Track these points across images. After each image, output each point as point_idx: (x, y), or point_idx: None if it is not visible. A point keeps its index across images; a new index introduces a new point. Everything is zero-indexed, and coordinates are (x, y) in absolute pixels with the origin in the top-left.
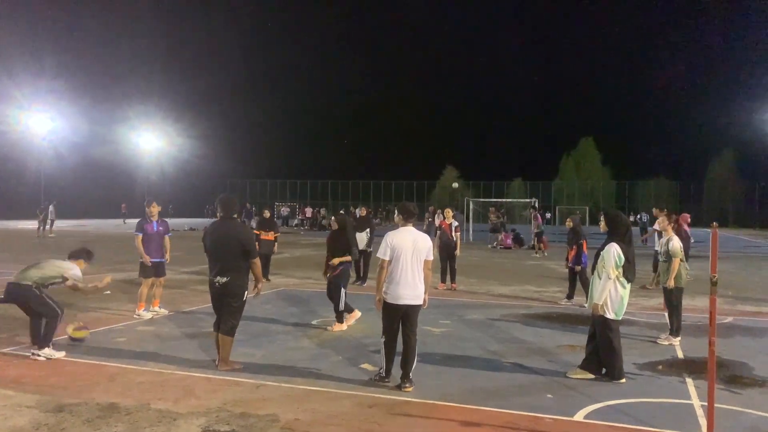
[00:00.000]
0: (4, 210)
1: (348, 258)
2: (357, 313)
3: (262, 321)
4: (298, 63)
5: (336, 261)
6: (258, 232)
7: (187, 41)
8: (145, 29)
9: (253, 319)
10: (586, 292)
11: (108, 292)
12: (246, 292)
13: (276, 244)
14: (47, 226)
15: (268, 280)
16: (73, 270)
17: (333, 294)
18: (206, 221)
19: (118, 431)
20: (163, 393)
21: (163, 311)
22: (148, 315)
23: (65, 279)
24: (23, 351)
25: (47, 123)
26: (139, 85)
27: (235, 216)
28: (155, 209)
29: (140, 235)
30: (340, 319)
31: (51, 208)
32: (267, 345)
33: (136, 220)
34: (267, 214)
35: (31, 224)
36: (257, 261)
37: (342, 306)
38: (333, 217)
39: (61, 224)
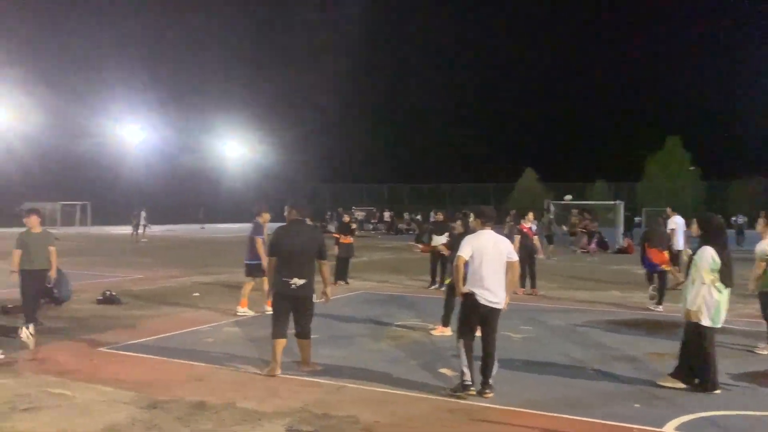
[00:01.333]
0: (101, 216)
1: None
2: (449, 331)
3: (341, 323)
4: (375, 69)
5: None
6: (338, 236)
7: (270, 48)
8: (229, 41)
9: (333, 322)
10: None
11: (197, 294)
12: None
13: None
14: (140, 231)
15: (346, 282)
16: None
17: (448, 297)
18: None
19: (206, 429)
20: (247, 393)
21: (250, 312)
22: (251, 312)
23: None
24: (120, 350)
25: (139, 133)
26: (224, 95)
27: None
28: (268, 216)
29: (262, 238)
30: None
31: (143, 214)
32: (346, 347)
33: (250, 224)
34: (346, 218)
35: (126, 230)
36: (327, 263)
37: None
38: (458, 221)
39: (154, 229)
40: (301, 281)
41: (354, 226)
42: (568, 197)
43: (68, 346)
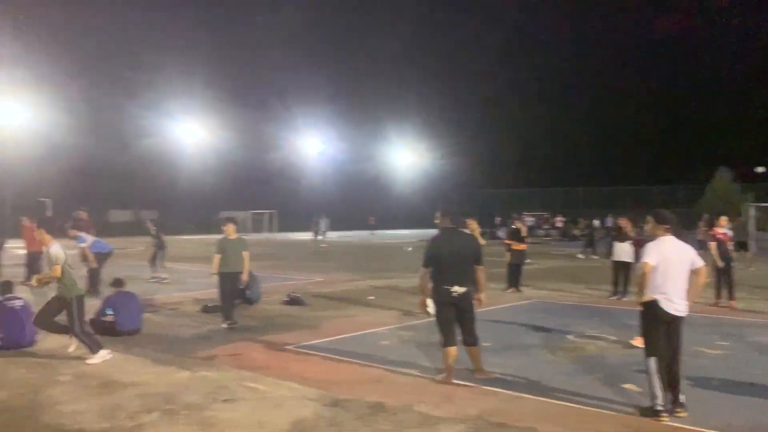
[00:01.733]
0: (286, 223)
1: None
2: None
3: (514, 332)
4: (548, 72)
5: None
6: (509, 242)
7: (438, 55)
8: (400, 53)
9: (506, 330)
10: None
11: (372, 297)
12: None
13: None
14: (319, 237)
15: (518, 290)
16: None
17: None
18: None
19: (385, 429)
20: (423, 397)
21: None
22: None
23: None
24: (304, 349)
25: (318, 145)
26: (396, 103)
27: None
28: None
29: None
30: None
31: (322, 220)
32: (520, 357)
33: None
34: (518, 224)
35: (307, 236)
36: (483, 269)
37: None
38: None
39: (331, 235)
40: (462, 289)
41: (524, 232)
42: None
43: (259, 344)
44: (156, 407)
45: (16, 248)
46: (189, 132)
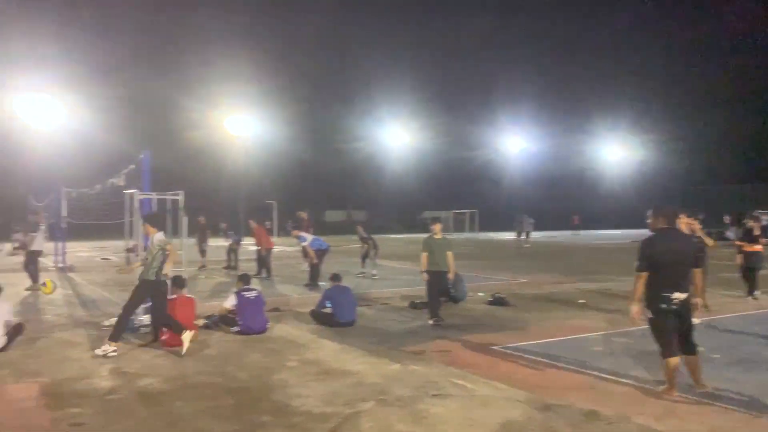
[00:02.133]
0: (486, 223)
1: None
2: None
3: (751, 344)
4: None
5: None
6: (740, 244)
7: (650, 42)
8: (608, 43)
9: (739, 342)
10: None
11: (582, 301)
12: None
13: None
14: (523, 237)
15: (755, 298)
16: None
17: None
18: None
19: None
20: (642, 408)
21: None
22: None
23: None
24: (511, 350)
25: (519, 144)
26: (603, 97)
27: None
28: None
29: None
30: None
31: (527, 220)
32: (758, 373)
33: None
34: (750, 223)
35: (509, 236)
36: (700, 271)
37: None
38: None
39: (534, 235)
40: (683, 295)
41: (758, 232)
42: None
43: (466, 342)
44: (371, 396)
45: (249, 246)
46: (395, 135)
